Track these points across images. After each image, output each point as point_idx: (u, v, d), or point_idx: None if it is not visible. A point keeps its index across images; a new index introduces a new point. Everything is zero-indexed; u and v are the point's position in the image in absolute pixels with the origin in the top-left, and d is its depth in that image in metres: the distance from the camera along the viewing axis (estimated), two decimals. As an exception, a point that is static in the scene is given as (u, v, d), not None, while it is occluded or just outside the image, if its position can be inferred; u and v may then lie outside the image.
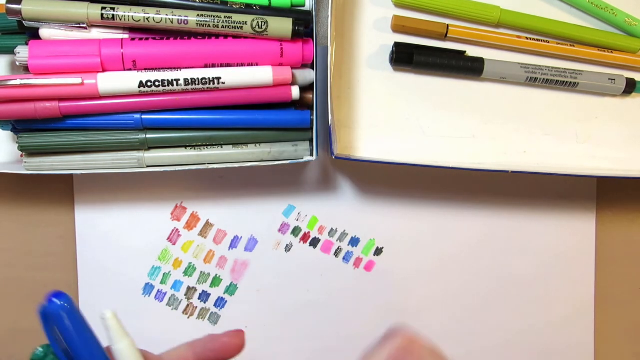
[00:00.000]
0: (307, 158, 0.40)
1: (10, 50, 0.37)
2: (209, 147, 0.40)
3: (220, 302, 0.44)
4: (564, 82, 0.44)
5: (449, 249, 0.45)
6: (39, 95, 0.36)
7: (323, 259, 0.45)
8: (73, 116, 0.38)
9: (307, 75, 0.40)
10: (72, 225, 0.44)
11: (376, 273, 0.45)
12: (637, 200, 0.47)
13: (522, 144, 0.45)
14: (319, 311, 0.45)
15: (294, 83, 0.39)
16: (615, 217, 0.47)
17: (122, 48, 0.37)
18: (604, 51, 0.44)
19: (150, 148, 0.40)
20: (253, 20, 0.37)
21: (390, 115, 0.44)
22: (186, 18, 0.36)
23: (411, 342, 0.29)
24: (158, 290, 0.44)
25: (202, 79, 0.37)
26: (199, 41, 0.38)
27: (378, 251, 0.45)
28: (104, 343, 0.30)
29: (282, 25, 0.37)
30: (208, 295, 0.44)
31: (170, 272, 0.44)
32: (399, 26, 0.44)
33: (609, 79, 0.44)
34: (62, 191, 0.44)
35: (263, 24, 0.37)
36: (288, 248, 0.45)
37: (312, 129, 0.40)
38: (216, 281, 0.44)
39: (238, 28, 0.37)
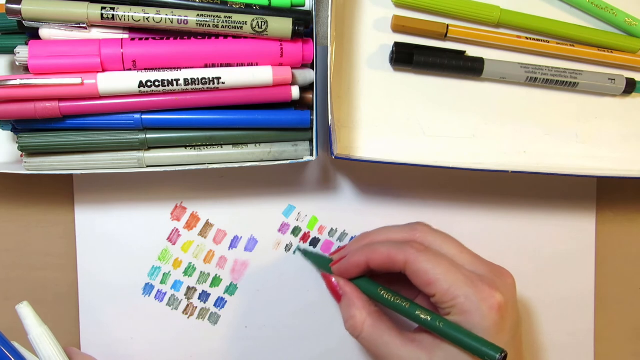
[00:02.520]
0: (307, 158, 0.40)
1: (10, 50, 0.37)
2: (209, 147, 0.40)
3: (220, 302, 0.44)
4: (564, 82, 0.44)
5: (449, 249, 0.45)
6: (39, 95, 0.36)
7: (323, 259, 0.45)
8: (73, 116, 0.38)
9: (307, 75, 0.40)
10: (72, 225, 0.44)
11: (376, 273, 0.45)
12: (637, 200, 0.47)
13: (522, 144, 0.45)
14: (319, 311, 0.44)
15: (294, 83, 0.39)
16: (615, 217, 0.47)
17: (122, 48, 0.37)
18: (604, 51, 0.44)
19: (150, 148, 0.40)
20: (253, 20, 0.37)
21: (390, 115, 0.44)
22: (186, 18, 0.36)
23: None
24: (158, 290, 0.44)
25: (202, 79, 0.37)
26: (199, 41, 0.37)
27: (378, 251, 0.45)
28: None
29: (282, 25, 0.37)
30: (208, 295, 0.44)
31: (170, 272, 0.44)
32: (399, 26, 0.44)
33: (609, 79, 0.44)
34: (62, 191, 0.44)
35: (263, 24, 0.37)
36: (288, 248, 0.45)
37: (312, 129, 0.40)
38: (216, 281, 0.44)
39: (238, 28, 0.37)
